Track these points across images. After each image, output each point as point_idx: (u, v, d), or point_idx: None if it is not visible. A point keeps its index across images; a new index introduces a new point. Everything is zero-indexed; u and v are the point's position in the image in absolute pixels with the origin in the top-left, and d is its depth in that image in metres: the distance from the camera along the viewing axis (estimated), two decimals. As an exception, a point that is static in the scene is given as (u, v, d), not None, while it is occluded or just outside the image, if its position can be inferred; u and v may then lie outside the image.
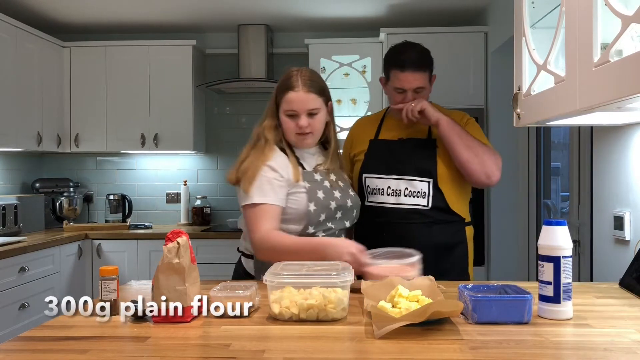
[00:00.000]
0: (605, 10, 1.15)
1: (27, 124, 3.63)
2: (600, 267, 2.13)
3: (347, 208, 1.84)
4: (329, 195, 1.79)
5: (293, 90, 1.74)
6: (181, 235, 1.32)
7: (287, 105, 1.75)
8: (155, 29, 4.24)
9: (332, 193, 1.80)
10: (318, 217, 1.75)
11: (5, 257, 2.92)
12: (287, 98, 1.74)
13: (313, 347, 1.10)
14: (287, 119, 1.77)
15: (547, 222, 1.29)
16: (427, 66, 1.98)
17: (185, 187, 4.26)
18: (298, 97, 1.73)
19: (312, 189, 1.76)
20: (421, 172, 1.97)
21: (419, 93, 1.98)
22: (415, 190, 1.97)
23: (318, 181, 1.80)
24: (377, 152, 2.05)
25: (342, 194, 1.84)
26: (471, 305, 1.24)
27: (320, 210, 1.75)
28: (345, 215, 1.84)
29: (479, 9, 3.85)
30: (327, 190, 1.79)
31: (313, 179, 1.79)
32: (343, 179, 1.90)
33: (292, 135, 1.78)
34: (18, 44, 3.52)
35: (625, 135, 1.89)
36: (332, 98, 1.89)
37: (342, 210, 1.82)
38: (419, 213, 1.97)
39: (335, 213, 1.80)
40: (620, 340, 1.12)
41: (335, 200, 1.79)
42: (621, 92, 1.08)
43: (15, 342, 1.17)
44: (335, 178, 1.85)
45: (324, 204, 1.76)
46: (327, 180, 1.82)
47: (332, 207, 1.78)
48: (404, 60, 1.96)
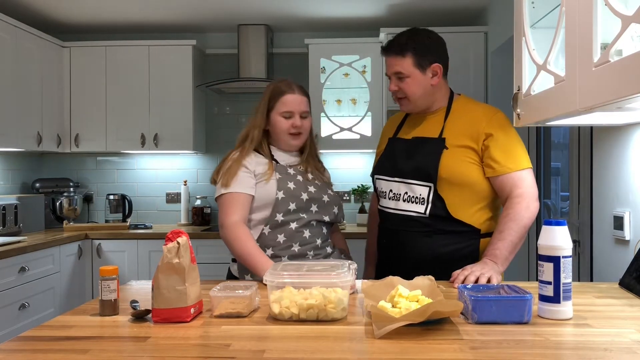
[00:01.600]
0: (605, 10, 1.15)
1: (27, 124, 3.63)
2: (600, 267, 2.13)
3: (323, 202, 1.90)
4: (301, 187, 1.87)
5: (289, 93, 1.90)
6: (181, 235, 1.32)
7: (284, 107, 1.89)
8: (155, 29, 4.24)
9: (306, 186, 1.89)
10: (287, 205, 1.83)
11: (5, 257, 2.92)
12: (283, 100, 1.89)
13: (313, 347, 1.10)
14: (282, 119, 1.90)
15: (547, 222, 1.29)
16: (407, 50, 1.83)
17: (185, 187, 4.26)
18: (295, 99, 1.90)
19: (283, 179, 1.87)
20: (420, 175, 1.83)
21: (401, 80, 1.86)
22: (414, 196, 1.85)
23: (291, 174, 1.90)
24: (389, 151, 1.97)
25: (317, 189, 1.91)
26: (471, 305, 1.24)
27: (290, 199, 1.84)
28: (323, 209, 1.90)
29: (479, 9, 3.85)
30: (299, 183, 1.89)
31: (286, 172, 1.90)
32: (322, 179, 1.98)
33: (285, 135, 1.91)
34: (18, 44, 3.52)
35: (625, 135, 1.89)
36: (332, 98, 1.95)
37: (318, 204, 1.89)
38: (416, 220, 1.84)
39: (309, 205, 1.87)
40: (620, 340, 1.12)
41: (308, 193, 1.87)
42: (621, 92, 1.08)
43: (15, 342, 1.17)
44: (312, 177, 1.95)
45: (294, 194, 1.85)
46: (300, 175, 1.92)
47: (303, 197, 1.86)
48: (387, 44, 1.89)
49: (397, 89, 1.88)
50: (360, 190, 4.18)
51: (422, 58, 1.84)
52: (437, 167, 1.80)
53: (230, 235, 1.78)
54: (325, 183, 1.99)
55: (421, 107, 1.91)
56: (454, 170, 1.80)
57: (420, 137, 1.90)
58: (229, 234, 1.78)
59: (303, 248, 1.85)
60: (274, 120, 1.90)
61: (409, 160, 1.88)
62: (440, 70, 1.88)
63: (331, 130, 3.97)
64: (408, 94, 1.87)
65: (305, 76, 4.02)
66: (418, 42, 1.85)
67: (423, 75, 1.85)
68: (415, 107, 1.91)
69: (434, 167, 1.80)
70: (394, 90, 1.89)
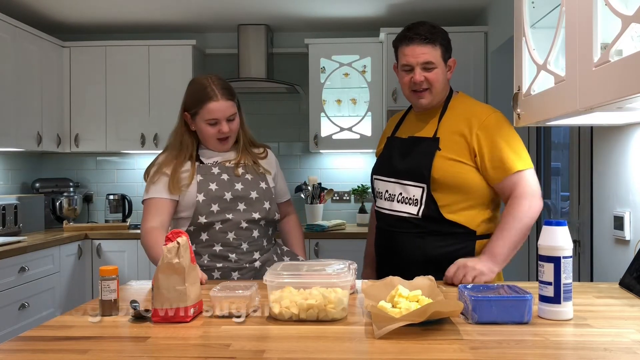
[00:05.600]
0: (605, 10, 1.15)
1: (27, 124, 3.63)
2: (600, 267, 2.13)
3: (251, 199, 1.87)
4: (225, 187, 1.86)
5: (213, 101, 1.84)
6: (181, 235, 1.32)
7: (209, 115, 1.85)
8: (155, 28, 4.24)
9: (231, 185, 1.87)
10: (208, 207, 1.83)
11: (5, 257, 2.92)
12: (207, 108, 1.84)
13: (313, 347, 1.10)
14: (207, 127, 1.87)
15: (548, 222, 1.29)
16: (437, 40, 1.80)
17: (185, 187, 4.25)
18: (219, 107, 1.84)
19: (204, 181, 1.86)
20: (414, 175, 1.80)
21: (429, 71, 1.80)
22: (407, 197, 1.82)
23: (214, 174, 1.88)
24: (388, 151, 1.95)
25: (246, 186, 1.88)
26: (471, 305, 1.24)
27: (211, 201, 1.84)
28: (251, 206, 1.87)
29: (479, 9, 3.85)
30: (223, 182, 1.87)
31: (209, 172, 1.88)
32: (256, 173, 1.94)
33: (213, 142, 1.90)
34: (18, 44, 3.51)
35: (625, 135, 1.89)
36: (332, 98, 1.92)
37: (245, 202, 1.86)
38: (409, 222, 1.81)
39: (234, 204, 1.85)
40: (620, 340, 1.12)
41: (233, 191, 1.86)
42: (621, 92, 1.08)
43: (15, 342, 1.17)
44: (243, 171, 1.91)
45: (215, 195, 1.84)
46: (227, 173, 1.89)
47: (226, 197, 1.85)
48: (410, 33, 1.81)
49: (422, 79, 1.80)
50: (360, 190, 4.18)
51: (446, 50, 1.84)
52: (430, 167, 1.77)
53: (145, 242, 1.81)
54: (260, 175, 1.94)
55: (437, 101, 1.87)
56: (446, 170, 1.77)
57: (415, 137, 1.87)
58: (144, 240, 1.81)
59: (224, 249, 1.85)
60: (200, 125, 1.88)
61: (403, 161, 1.85)
62: (454, 66, 1.88)
63: (331, 130, 3.97)
64: (434, 84, 1.81)
65: (305, 76, 4.03)
66: (443, 33, 1.84)
67: (444, 68, 1.85)
68: (434, 100, 1.86)
69: (427, 168, 1.77)
70: (419, 80, 1.81)
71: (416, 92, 1.84)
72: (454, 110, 1.85)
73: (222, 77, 1.93)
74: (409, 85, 1.84)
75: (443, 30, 1.84)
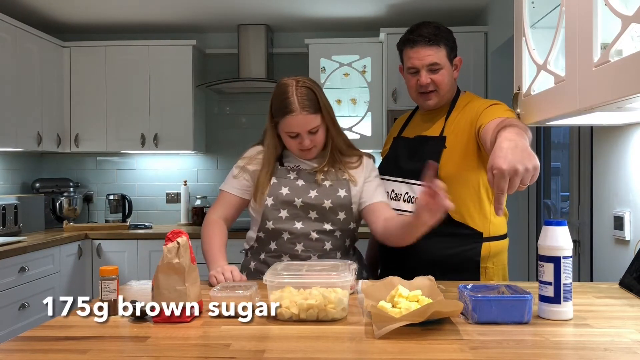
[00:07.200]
0: (605, 10, 1.15)
1: (27, 124, 3.63)
2: (600, 267, 2.13)
3: (324, 208, 1.75)
4: (297, 192, 1.76)
5: (291, 115, 1.71)
6: (181, 235, 1.32)
7: (288, 128, 1.74)
8: (155, 29, 4.24)
9: (305, 191, 1.76)
10: (277, 212, 1.76)
11: (5, 257, 2.92)
12: (286, 122, 1.73)
13: (313, 347, 1.10)
14: (289, 139, 1.77)
15: (547, 222, 1.28)
16: (441, 40, 1.79)
17: (185, 187, 4.26)
18: (297, 121, 1.72)
19: (277, 184, 1.78)
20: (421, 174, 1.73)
21: (435, 72, 1.79)
22: (414, 196, 1.79)
23: (290, 178, 1.79)
24: (393, 151, 1.94)
25: (321, 194, 1.76)
26: (471, 305, 1.24)
27: (280, 206, 1.76)
28: (323, 216, 1.76)
29: (479, 9, 3.85)
30: (297, 188, 1.77)
31: (284, 176, 1.80)
32: (339, 179, 1.80)
33: (295, 151, 1.81)
34: (18, 44, 3.51)
35: (625, 135, 1.89)
36: (332, 98, 1.89)
37: (317, 210, 1.76)
38: None
39: (305, 212, 1.75)
40: (620, 340, 1.12)
41: (305, 198, 1.75)
42: (621, 92, 1.08)
43: (15, 342, 1.17)
44: (322, 177, 1.79)
45: (285, 200, 1.75)
46: (303, 178, 1.79)
47: (296, 203, 1.75)
48: (414, 36, 1.80)
49: (428, 82, 1.80)
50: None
51: (451, 50, 1.83)
52: (437, 166, 1.74)
53: (203, 231, 1.83)
54: (341, 181, 1.80)
55: (444, 101, 1.86)
56: (454, 169, 1.75)
57: (422, 136, 1.86)
58: (203, 229, 1.83)
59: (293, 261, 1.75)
60: (282, 134, 1.79)
61: (410, 160, 1.84)
62: (460, 64, 1.87)
63: (331, 130, 3.97)
64: (441, 86, 1.80)
65: (305, 76, 4.02)
66: (447, 33, 1.82)
67: (450, 68, 1.84)
68: (441, 101, 1.85)
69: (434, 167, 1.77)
70: (426, 83, 1.80)
71: (423, 94, 1.84)
72: (460, 109, 1.84)
73: (311, 82, 1.80)
74: (416, 88, 1.84)
75: (447, 29, 1.83)
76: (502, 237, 1.85)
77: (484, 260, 1.80)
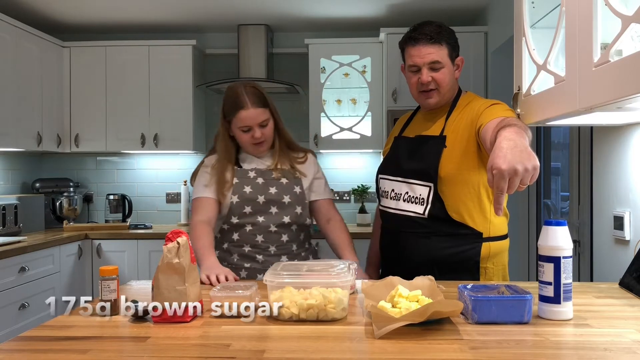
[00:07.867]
0: (605, 10, 1.15)
1: (27, 124, 3.63)
2: (600, 267, 2.13)
3: (283, 204, 1.96)
4: (259, 190, 1.96)
5: (244, 109, 1.92)
6: (181, 235, 1.32)
7: (241, 122, 1.93)
8: (155, 29, 4.23)
9: (265, 188, 1.96)
10: (242, 208, 1.94)
11: (5, 257, 2.92)
12: (239, 117, 1.93)
13: (313, 347, 1.10)
14: (242, 134, 1.96)
15: (547, 222, 1.28)
16: (443, 39, 1.79)
17: (185, 187, 4.26)
18: (249, 114, 1.92)
19: (240, 184, 1.97)
20: (421, 174, 1.79)
21: (436, 71, 1.79)
22: (414, 196, 1.81)
23: (250, 178, 1.98)
24: (394, 151, 1.95)
25: (279, 190, 1.97)
26: (471, 305, 1.24)
27: (244, 203, 1.95)
28: (283, 210, 1.96)
29: (479, 9, 3.85)
30: (258, 186, 1.97)
31: (245, 176, 1.99)
32: (292, 177, 2.01)
33: (248, 146, 1.98)
34: (18, 44, 3.51)
35: (625, 135, 1.89)
36: (332, 98, 1.93)
37: (277, 205, 1.95)
38: (415, 221, 1.80)
39: (267, 207, 1.95)
40: (620, 340, 1.12)
41: (267, 195, 1.95)
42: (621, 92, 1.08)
43: (15, 342, 1.17)
44: (279, 175, 1.99)
45: (249, 197, 1.95)
46: (262, 177, 1.99)
47: (259, 200, 1.95)
48: (416, 34, 1.81)
49: (429, 80, 1.80)
50: (360, 191, 4.17)
51: (452, 49, 1.83)
52: (437, 166, 1.76)
53: (191, 234, 1.87)
54: (295, 179, 2.01)
55: (445, 101, 1.86)
56: (453, 169, 1.75)
57: (423, 136, 1.86)
58: (190, 233, 1.87)
59: (253, 250, 1.96)
60: (235, 132, 1.98)
61: (411, 160, 1.84)
62: (462, 64, 1.88)
63: (331, 130, 3.97)
64: (442, 84, 1.81)
65: (305, 76, 4.02)
66: (449, 32, 1.83)
67: (452, 67, 1.84)
68: (442, 100, 1.85)
69: (434, 167, 1.76)
70: (427, 81, 1.80)
71: (424, 93, 1.84)
72: (461, 109, 1.84)
73: (258, 85, 2.01)
74: (417, 86, 1.84)
75: (449, 29, 1.84)
76: (503, 238, 1.85)
77: (484, 261, 1.80)
